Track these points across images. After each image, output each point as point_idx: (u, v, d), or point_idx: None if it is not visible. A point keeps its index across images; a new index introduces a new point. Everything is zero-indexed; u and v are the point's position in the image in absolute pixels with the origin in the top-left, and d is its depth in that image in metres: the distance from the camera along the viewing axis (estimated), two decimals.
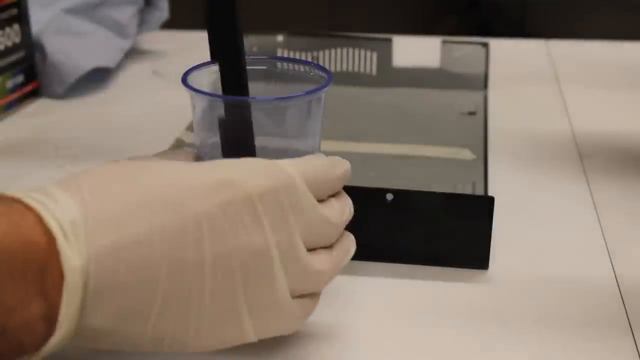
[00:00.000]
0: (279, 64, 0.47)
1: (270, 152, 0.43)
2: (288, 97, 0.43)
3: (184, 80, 0.43)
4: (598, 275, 0.55)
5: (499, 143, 0.73)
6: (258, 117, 0.42)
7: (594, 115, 0.81)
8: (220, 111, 0.42)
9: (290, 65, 0.47)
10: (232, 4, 0.41)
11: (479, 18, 1.85)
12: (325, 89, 0.44)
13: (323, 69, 0.46)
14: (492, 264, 0.55)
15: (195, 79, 0.44)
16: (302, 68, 0.47)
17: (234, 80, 0.42)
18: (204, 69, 0.45)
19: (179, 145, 0.69)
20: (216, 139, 0.43)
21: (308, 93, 0.43)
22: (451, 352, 0.47)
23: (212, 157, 0.43)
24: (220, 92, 0.43)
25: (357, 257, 0.55)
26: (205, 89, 0.44)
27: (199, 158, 0.45)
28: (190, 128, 0.71)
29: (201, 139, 0.45)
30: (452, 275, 0.54)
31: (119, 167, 0.39)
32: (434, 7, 1.92)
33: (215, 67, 0.43)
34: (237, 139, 0.43)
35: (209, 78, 0.45)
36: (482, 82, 0.84)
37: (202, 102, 0.43)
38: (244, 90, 0.43)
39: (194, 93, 0.43)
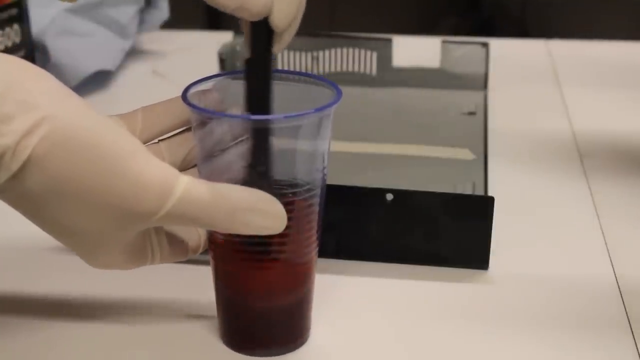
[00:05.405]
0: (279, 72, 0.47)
1: (282, 153, 0.44)
2: (300, 115, 0.42)
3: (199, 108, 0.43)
4: (598, 275, 0.55)
5: (499, 143, 0.73)
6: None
7: (594, 115, 0.81)
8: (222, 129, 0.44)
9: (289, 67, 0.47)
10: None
11: (479, 18, 1.85)
12: (337, 104, 0.44)
13: (332, 83, 0.45)
14: (492, 264, 0.55)
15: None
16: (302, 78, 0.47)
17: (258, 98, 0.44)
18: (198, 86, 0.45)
19: None
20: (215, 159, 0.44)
21: (318, 110, 0.43)
22: (451, 352, 0.47)
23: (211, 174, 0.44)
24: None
25: (357, 257, 0.56)
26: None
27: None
28: None
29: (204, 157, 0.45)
30: (452, 275, 0.54)
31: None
32: (434, 7, 1.92)
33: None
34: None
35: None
36: (482, 82, 0.84)
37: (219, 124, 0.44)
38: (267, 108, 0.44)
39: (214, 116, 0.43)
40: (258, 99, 0.44)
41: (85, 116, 0.40)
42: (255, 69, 0.44)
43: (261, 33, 0.44)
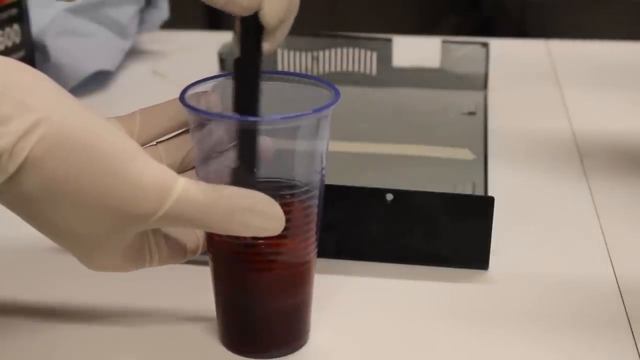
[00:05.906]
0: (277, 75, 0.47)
1: (280, 155, 0.44)
2: (298, 116, 0.42)
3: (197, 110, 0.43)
4: (598, 275, 0.55)
5: (499, 143, 0.73)
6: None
7: (594, 115, 0.81)
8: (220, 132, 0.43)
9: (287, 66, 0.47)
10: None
11: (479, 18, 1.85)
12: (334, 105, 0.44)
13: (330, 84, 0.45)
14: (492, 264, 0.55)
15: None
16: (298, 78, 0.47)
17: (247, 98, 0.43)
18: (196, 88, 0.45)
19: None
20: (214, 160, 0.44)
21: (316, 111, 0.43)
22: (451, 352, 0.47)
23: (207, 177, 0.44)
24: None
25: (357, 257, 0.56)
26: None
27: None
28: None
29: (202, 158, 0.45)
30: (452, 275, 0.54)
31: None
32: (434, 7, 1.92)
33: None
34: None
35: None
36: (482, 82, 0.84)
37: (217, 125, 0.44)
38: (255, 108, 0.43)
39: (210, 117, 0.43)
40: (245, 99, 0.43)
41: (83, 117, 0.39)
42: (243, 67, 0.43)
43: (250, 30, 0.43)
